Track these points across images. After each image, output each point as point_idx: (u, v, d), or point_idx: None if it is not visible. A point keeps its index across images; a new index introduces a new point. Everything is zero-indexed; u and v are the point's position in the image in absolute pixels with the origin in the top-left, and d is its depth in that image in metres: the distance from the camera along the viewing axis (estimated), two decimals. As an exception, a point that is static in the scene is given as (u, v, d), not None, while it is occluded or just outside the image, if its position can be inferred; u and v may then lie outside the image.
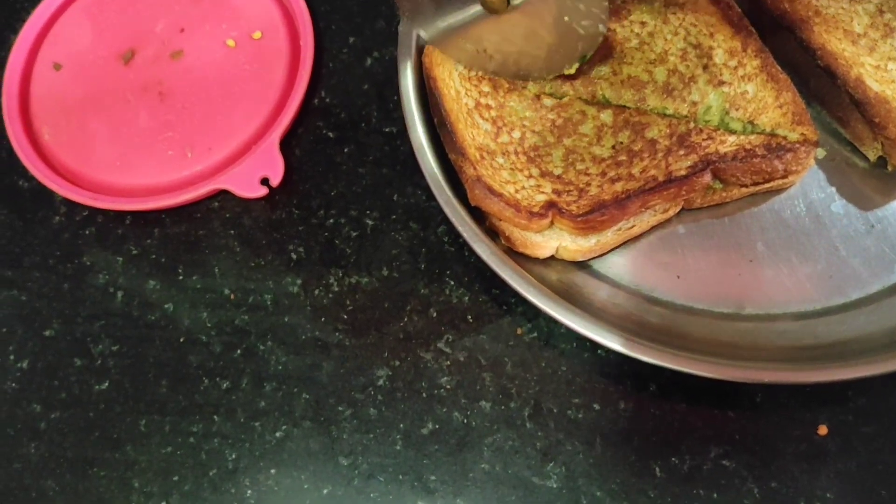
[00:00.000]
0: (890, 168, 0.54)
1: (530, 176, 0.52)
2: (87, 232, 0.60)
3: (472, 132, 0.53)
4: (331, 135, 0.61)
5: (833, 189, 0.55)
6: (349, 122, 0.61)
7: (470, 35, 0.53)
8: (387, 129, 0.60)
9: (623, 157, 0.52)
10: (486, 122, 0.54)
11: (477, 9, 0.51)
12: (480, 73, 0.55)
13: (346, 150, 0.60)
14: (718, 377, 0.47)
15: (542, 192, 0.51)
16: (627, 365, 0.52)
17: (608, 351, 0.52)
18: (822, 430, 0.50)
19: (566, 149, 0.53)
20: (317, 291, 0.56)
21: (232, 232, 0.58)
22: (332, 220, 0.58)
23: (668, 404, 0.51)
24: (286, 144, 0.60)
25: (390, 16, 0.64)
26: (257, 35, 0.62)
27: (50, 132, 0.61)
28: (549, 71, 0.54)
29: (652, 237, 0.55)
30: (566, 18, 0.51)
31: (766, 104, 0.52)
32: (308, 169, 0.60)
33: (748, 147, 0.51)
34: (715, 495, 0.49)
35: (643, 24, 0.56)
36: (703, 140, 0.52)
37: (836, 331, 0.51)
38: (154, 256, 0.58)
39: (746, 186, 0.53)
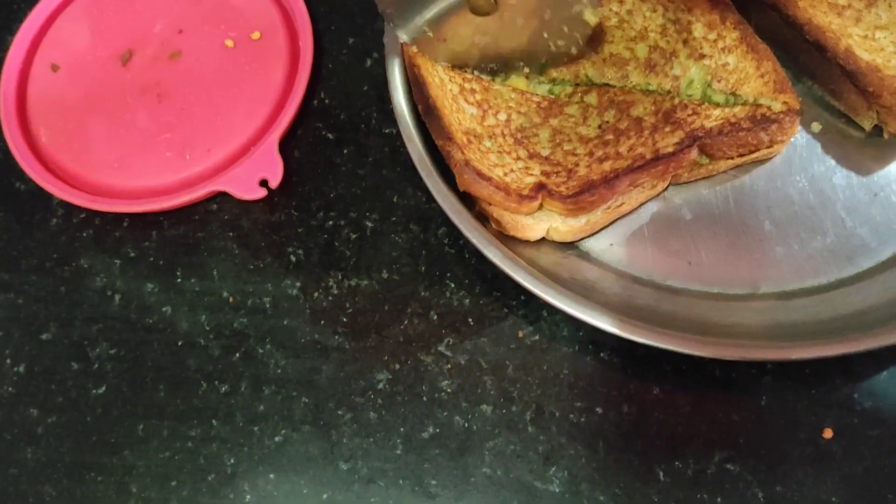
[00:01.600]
0: (886, 136, 0.54)
1: (518, 158, 0.52)
2: (85, 234, 0.59)
3: (459, 117, 0.53)
4: (330, 136, 0.60)
5: (833, 162, 0.55)
6: (349, 123, 0.61)
7: (449, 32, 0.53)
8: (386, 131, 0.60)
9: (610, 137, 0.52)
10: (471, 106, 0.54)
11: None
12: (462, 71, 0.56)
13: (345, 151, 0.60)
14: (743, 358, 0.47)
15: (531, 175, 0.52)
16: (631, 368, 0.52)
17: (611, 354, 0.52)
18: (828, 433, 0.49)
19: (553, 129, 0.53)
20: (316, 294, 0.56)
21: (231, 234, 0.58)
22: (331, 222, 0.58)
23: (672, 408, 0.50)
24: (285, 146, 0.60)
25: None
26: (256, 36, 0.62)
27: (47, 134, 0.61)
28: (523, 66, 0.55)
29: (659, 225, 0.55)
30: (545, 34, 0.53)
31: (747, 74, 0.53)
32: (307, 170, 0.59)
33: (733, 120, 0.52)
34: (719, 500, 0.48)
35: (621, 1, 0.57)
36: (689, 116, 0.52)
37: (853, 301, 0.51)
38: (152, 259, 0.58)
39: (732, 158, 0.53)
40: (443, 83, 0.54)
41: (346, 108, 0.61)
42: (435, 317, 0.54)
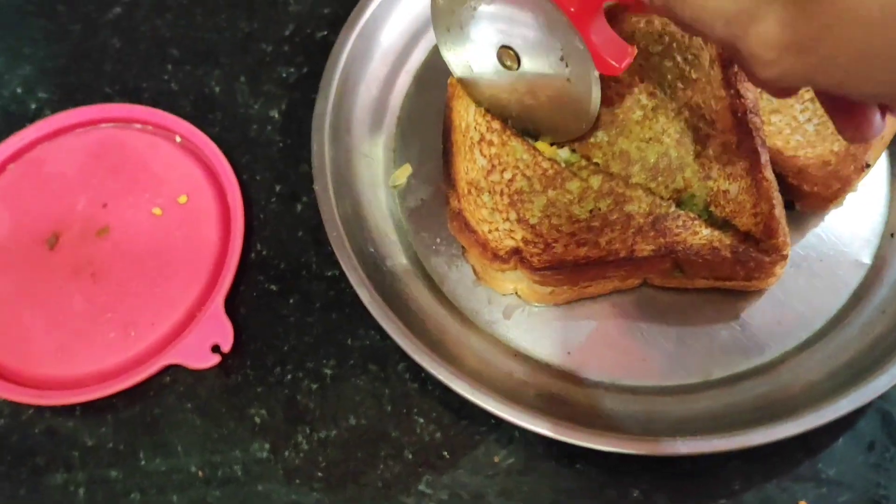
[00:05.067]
0: (798, 208, 0.58)
1: (507, 219, 0.55)
2: (37, 431, 0.57)
3: (468, 165, 0.57)
4: (273, 288, 0.61)
5: None
6: (289, 271, 0.61)
7: (492, 82, 0.58)
8: (328, 274, 0.60)
9: (596, 224, 0.54)
10: (483, 157, 0.57)
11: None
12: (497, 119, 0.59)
13: (291, 301, 0.60)
14: (710, 451, 0.49)
15: (512, 238, 0.54)
16: (607, 475, 0.53)
17: (587, 464, 0.53)
18: (802, 506, 0.52)
19: (548, 200, 0.56)
20: (286, 453, 0.55)
21: (189, 405, 0.57)
22: (289, 376, 0.58)
23: (653, 507, 0.52)
24: (230, 305, 0.59)
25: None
26: (183, 199, 0.62)
27: (-20, 331, 0.59)
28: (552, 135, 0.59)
29: (610, 328, 0.57)
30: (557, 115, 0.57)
31: (743, 209, 0.53)
32: (256, 327, 0.59)
33: (716, 245, 0.53)
34: (714, 592, 0.50)
35: (651, 94, 0.58)
36: (677, 227, 0.53)
37: (799, 375, 0.54)
38: (111, 445, 0.56)
39: (707, 279, 0.55)
40: (468, 129, 0.58)
41: (284, 257, 0.62)
42: (409, 455, 0.55)
